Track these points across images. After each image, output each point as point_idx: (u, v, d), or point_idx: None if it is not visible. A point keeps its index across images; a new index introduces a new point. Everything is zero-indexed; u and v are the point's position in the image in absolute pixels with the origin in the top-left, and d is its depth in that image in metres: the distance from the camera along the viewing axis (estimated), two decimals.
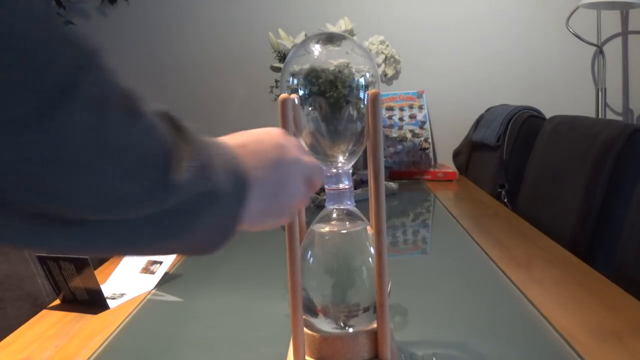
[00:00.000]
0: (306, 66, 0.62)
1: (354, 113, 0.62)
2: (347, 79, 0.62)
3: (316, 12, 2.32)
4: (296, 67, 0.62)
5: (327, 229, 0.64)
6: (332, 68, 0.63)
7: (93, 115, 0.28)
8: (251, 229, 0.46)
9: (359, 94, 0.62)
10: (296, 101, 0.61)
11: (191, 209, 0.36)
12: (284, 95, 0.58)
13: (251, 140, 0.46)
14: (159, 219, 0.34)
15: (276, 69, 1.97)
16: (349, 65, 0.62)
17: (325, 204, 0.65)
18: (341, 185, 0.64)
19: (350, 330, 0.62)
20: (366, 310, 0.62)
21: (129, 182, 0.31)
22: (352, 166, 0.66)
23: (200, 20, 2.42)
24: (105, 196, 0.30)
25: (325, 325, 0.62)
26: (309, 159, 0.52)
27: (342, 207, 0.64)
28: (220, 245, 0.42)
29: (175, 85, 2.41)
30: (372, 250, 0.62)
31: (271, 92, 1.99)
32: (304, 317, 0.61)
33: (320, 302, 0.62)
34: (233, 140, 0.45)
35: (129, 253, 0.39)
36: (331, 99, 0.62)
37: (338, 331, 0.62)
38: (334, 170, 0.64)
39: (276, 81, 1.99)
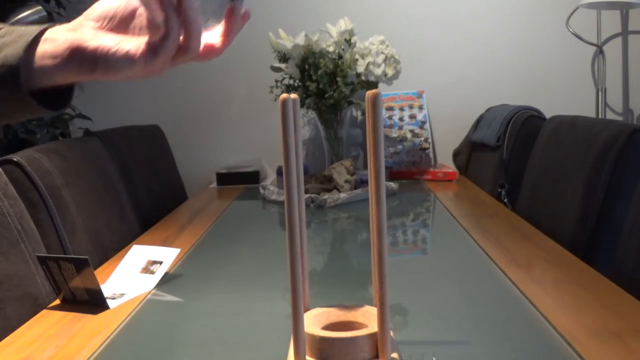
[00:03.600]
0: None
1: None
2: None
3: (316, 12, 2.32)
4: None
5: None
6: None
7: None
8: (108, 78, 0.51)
9: None
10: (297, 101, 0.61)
11: None
12: (284, 96, 0.58)
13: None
14: None
15: (276, 69, 1.97)
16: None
17: None
18: None
19: None
20: None
21: None
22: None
23: None
24: None
25: None
26: None
27: None
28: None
29: (176, 85, 2.41)
30: None
31: (271, 92, 1.99)
32: None
33: None
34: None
35: None
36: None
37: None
38: None
39: (276, 81, 1.99)
